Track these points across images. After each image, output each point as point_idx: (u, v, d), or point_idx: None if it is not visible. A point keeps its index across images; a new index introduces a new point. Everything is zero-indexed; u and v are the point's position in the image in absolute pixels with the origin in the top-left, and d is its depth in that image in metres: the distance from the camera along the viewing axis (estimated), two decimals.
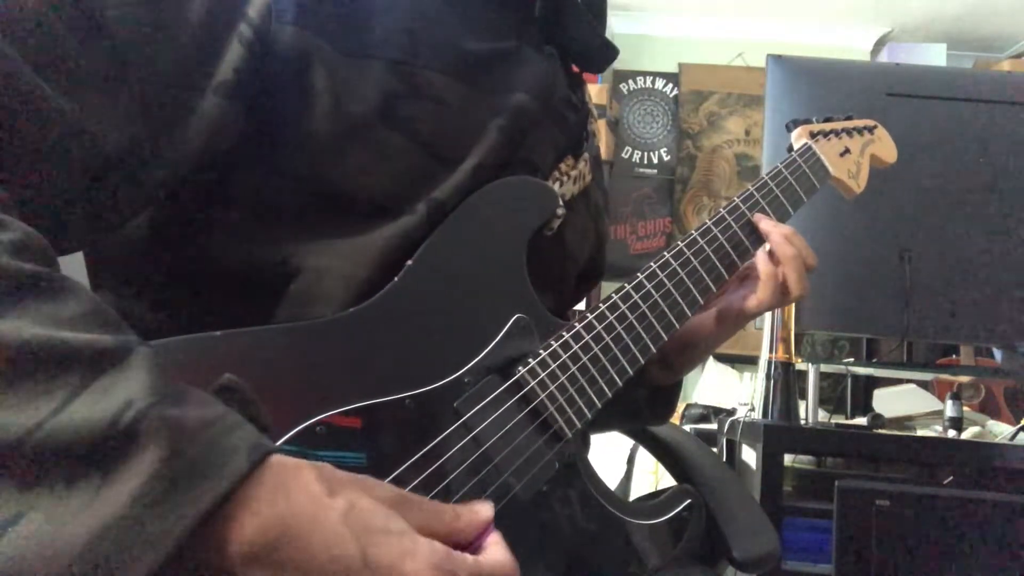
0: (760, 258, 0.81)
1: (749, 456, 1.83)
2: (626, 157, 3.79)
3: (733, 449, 1.95)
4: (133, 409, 0.39)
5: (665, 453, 1.04)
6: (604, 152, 3.46)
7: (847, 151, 0.94)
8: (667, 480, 0.99)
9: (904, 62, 2.87)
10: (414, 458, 0.58)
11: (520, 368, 0.65)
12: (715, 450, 1.88)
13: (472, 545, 0.51)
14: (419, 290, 0.64)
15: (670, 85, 3.82)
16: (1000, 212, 1.64)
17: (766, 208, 0.83)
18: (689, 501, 0.74)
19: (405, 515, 0.46)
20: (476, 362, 0.64)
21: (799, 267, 0.80)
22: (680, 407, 2.45)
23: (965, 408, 1.85)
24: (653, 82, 3.83)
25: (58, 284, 0.42)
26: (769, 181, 0.85)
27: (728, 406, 2.32)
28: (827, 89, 1.70)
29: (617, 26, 3.86)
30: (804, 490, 2.03)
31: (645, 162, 3.79)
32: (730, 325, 0.84)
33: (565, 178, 0.76)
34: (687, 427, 2.29)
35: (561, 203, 0.72)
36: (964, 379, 2.41)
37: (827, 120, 0.95)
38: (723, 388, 3.09)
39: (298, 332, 0.58)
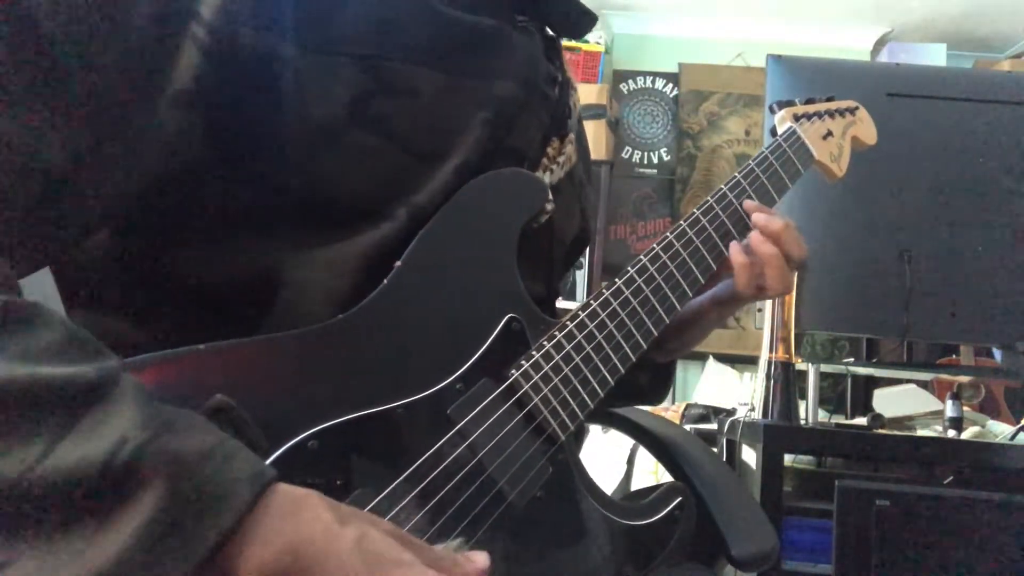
0: (733, 248, 0.79)
1: (749, 456, 1.83)
2: (626, 157, 3.78)
3: (733, 449, 1.95)
4: (129, 446, 0.37)
5: (664, 452, 1.04)
6: (604, 152, 3.46)
7: (829, 133, 0.93)
8: (667, 480, 0.99)
9: (904, 62, 2.86)
10: (409, 470, 0.57)
11: (513, 371, 0.64)
12: (715, 450, 1.88)
13: None
14: (409, 292, 0.63)
15: (670, 85, 3.82)
16: (1000, 212, 1.63)
17: (752, 195, 0.81)
18: (680, 499, 0.74)
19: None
20: (469, 366, 0.63)
21: (778, 264, 0.78)
22: (680, 407, 2.45)
23: (965, 408, 1.85)
24: (653, 82, 3.83)
25: (28, 312, 0.39)
26: (756, 167, 0.84)
27: (728, 406, 2.32)
28: (827, 89, 1.69)
29: (617, 26, 3.85)
30: (804, 490, 2.03)
31: (645, 162, 3.79)
32: (723, 309, 0.83)
33: (555, 165, 0.74)
34: (687, 427, 2.29)
35: (550, 196, 0.71)
36: (964, 379, 2.40)
37: (809, 102, 0.94)
38: (723, 388, 3.09)
39: (286, 342, 0.56)
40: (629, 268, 0.73)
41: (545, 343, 0.67)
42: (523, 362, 0.65)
